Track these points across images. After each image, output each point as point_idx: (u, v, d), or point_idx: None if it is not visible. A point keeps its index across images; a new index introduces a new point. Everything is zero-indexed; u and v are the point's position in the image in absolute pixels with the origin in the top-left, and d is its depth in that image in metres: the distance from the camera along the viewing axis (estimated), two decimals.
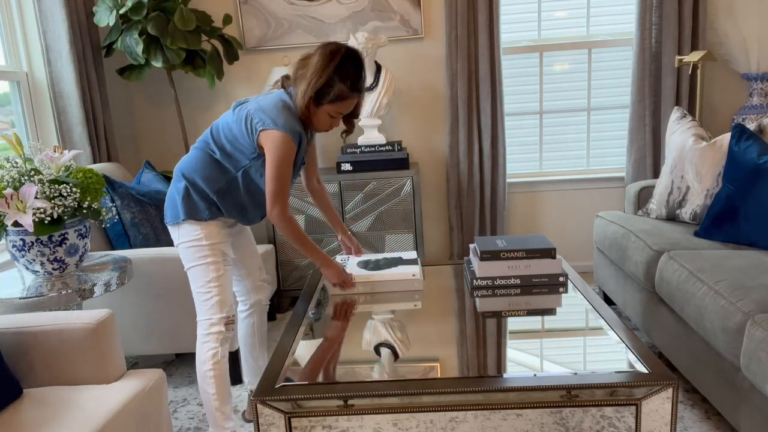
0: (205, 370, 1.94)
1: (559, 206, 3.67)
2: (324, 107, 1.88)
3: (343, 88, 1.85)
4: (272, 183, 1.85)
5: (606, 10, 3.47)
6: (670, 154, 2.76)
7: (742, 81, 3.41)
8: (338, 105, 1.88)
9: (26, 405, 1.54)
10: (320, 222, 3.24)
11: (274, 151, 1.84)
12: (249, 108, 1.89)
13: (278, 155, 1.84)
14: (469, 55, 3.36)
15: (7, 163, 1.93)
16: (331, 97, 1.86)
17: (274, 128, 1.83)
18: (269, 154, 1.85)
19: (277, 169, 1.85)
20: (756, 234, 2.30)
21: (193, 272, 1.94)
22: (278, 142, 1.83)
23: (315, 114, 1.91)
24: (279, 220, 1.88)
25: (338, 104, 1.88)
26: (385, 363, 1.48)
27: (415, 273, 1.98)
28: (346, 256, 2.20)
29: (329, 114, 1.91)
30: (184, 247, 1.94)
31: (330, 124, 1.95)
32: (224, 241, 1.97)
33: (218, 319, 1.94)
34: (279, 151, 1.84)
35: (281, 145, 1.84)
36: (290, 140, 1.84)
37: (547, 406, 1.34)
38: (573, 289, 1.92)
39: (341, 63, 1.84)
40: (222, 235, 1.96)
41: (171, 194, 1.97)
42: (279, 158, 1.84)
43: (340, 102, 1.87)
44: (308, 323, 1.77)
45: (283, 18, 3.48)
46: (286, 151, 1.85)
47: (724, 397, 1.87)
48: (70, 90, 2.84)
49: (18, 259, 1.97)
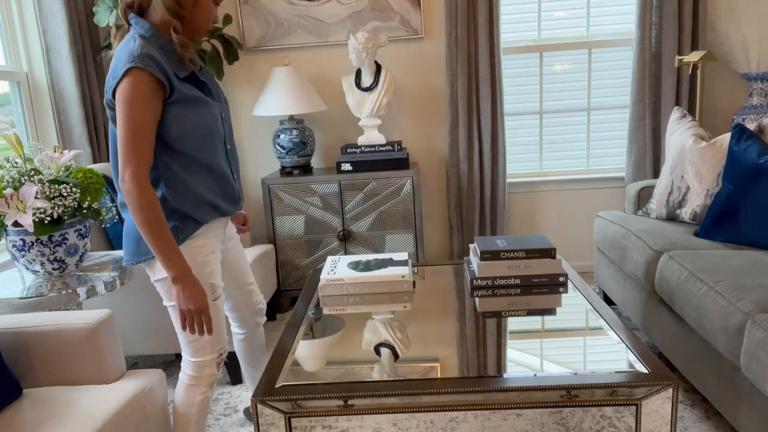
0: (188, 413, 1.68)
1: (559, 206, 3.67)
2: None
3: None
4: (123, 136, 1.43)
5: (606, 10, 3.47)
6: (670, 154, 2.76)
7: (742, 81, 3.41)
8: None
9: (26, 405, 1.54)
10: (320, 222, 3.24)
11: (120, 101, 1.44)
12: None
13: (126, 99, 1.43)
14: (469, 55, 3.36)
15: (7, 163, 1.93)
16: None
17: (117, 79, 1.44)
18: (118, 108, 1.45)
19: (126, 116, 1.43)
20: (756, 234, 2.30)
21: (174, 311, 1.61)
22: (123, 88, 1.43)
23: (195, 7, 1.52)
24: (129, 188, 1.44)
25: None
26: (385, 363, 1.48)
27: (405, 274, 1.97)
28: (337, 257, 2.19)
29: (214, 1, 1.58)
30: (162, 285, 1.59)
31: (212, 16, 1.58)
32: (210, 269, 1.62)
33: (210, 360, 1.66)
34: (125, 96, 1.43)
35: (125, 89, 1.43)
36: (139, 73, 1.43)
37: (547, 406, 1.34)
38: (573, 289, 1.92)
39: None
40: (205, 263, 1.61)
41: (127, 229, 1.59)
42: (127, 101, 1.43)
43: None
44: (308, 323, 1.77)
45: (283, 18, 3.48)
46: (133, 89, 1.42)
47: (724, 397, 1.87)
48: (70, 90, 2.84)
49: (18, 259, 1.97)
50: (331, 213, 3.24)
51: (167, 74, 1.47)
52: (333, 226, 3.25)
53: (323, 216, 3.24)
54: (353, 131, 3.62)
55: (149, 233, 1.46)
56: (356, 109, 3.26)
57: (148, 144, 1.45)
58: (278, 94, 3.20)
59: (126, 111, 1.42)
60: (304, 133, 3.31)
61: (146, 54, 1.43)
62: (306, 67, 3.57)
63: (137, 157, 1.44)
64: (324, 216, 3.24)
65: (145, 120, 1.44)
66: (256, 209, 3.79)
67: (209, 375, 1.68)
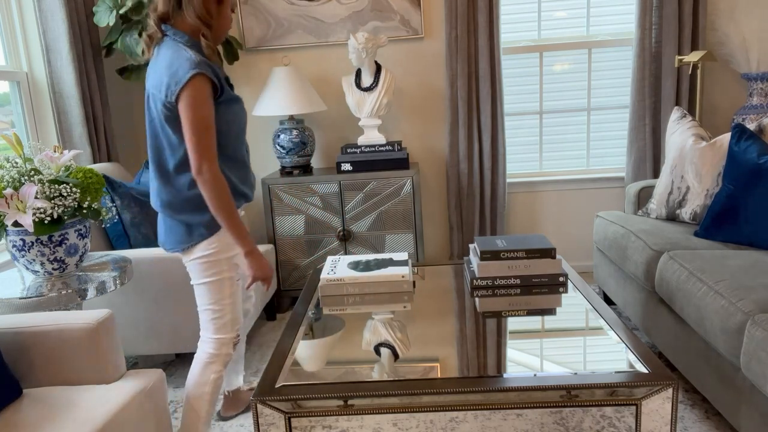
0: (203, 392, 1.83)
1: (559, 206, 3.67)
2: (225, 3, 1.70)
3: None
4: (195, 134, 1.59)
5: (606, 10, 3.47)
6: (670, 154, 2.76)
7: (742, 81, 3.41)
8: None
9: (26, 405, 1.54)
10: (320, 222, 3.24)
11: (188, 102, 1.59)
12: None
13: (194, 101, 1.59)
14: (469, 55, 3.36)
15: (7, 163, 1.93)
16: None
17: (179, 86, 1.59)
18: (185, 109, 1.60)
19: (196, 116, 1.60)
20: (756, 234, 2.30)
21: (205, 288, 1.78)
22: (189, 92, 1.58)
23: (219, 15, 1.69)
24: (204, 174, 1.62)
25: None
26: (385, 363, 1.48)
27: (405, 274, 1.98)
28: (337, 257, 2.19)
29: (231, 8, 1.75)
30: (197, 263, 1.76)
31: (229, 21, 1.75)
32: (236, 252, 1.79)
33: (229, 339, 1.84)
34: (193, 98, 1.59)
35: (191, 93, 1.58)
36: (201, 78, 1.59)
37: (547, 406, 1.34)
38: (573, 289, 1.92)
39: None
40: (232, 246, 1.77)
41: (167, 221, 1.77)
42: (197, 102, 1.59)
43: None
44: (308, 323, 1.77)
45: (283, 18, 3.48)
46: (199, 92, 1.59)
47: (724, 397, 1.87)
48: (70, 90, 2.84)
49: (18, 259, 1.97)
50: (331, 213, 3.24)
51: (219, 77, 1.65)
52: (333, 226, 3.25)
53: (323, 216, 3.24)
54: (353, 131, 3.62)
55: (227, 216, 1.65)
56: (356, 109, 3.26)
57: (213, 139, 1.62)
58: (278, 94, 3.20)
59: (194, 112, 1.58)
60: (304, 133, 3.31)
61: (202, 61, 1.60)
62: (306, 67, 3.57)
63: (209, 152, 1.61)
64: (324, 216, 3.24)
65: (210, 118, 1.61)
66: (256, 209, 3.79)
67: (226, 354, 1.85)
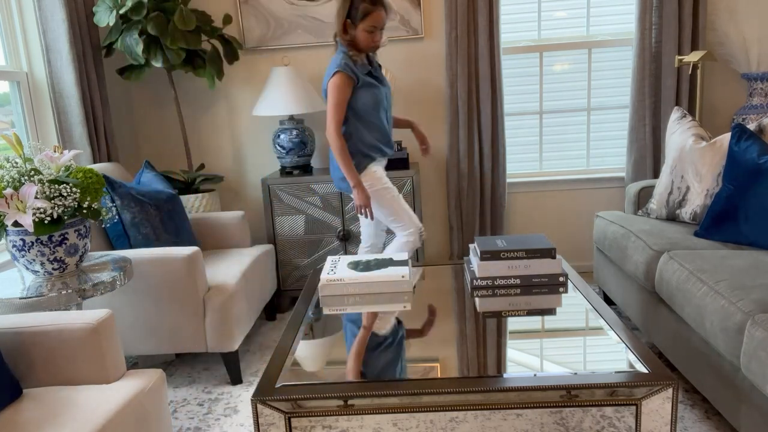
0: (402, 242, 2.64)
1: (559, 206, 3.67)
2: (359, 28, 2.45)
3: (366, 5, 2.42)
4: (329, 108, 2.49)
5: (606, 10, 3.47)
6: (670, 154, 2.76)
7: (742, 81, 3.41)
8: (369, 20, 2.43)
9: (26, 405, 1.54)
10: (320, 222, 3.24)
11: (331, 89, 2.48)
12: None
13: (332, 88, 2.47)
14: (469, 55, 3.36)
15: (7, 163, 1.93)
16: (360, 16, 2.43)
17: (330, 76, 2.47)
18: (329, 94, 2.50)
19: (332, 96, 2.48)
20: (756, 234, 2.30)
21: (376, 207, 2.60)
22: (333, 82, 2.46)
23: (356, 38, 2.48)
24: (331, 137, 2.48)
25: (368, 19, 2.43)
26: None
27: (405, 274, 1.97)
28: (337, 257, 2.19)
29: (366, 31, 2.45)
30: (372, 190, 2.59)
31: (371, 39, 2.48)
32: (384, 180, 2.61)
33: (414, 230, 2.61)
34: (333, 86, 2.46)
35: (334, 82, 2.46)
36: (342, 74, 2.44)
37: (547, 406, 1.34)
38: (573, 289, 1.92)
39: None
40: (379, 178, 2.59)
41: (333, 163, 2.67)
42: (333, 89, 2.46)
43: (368, 17, 2.43)
44: (308, 323, 1.77)
45: (283, 18, 3.48)
46: (338, 83, 2.46)
47: (724, 397, 1.87)
48: (70, 90, 2.85)
49: (18, 259, 1.97)
50: (331, 213, 3.24)
51: (355, 72, 2.48)
52: (333, 226, 3.25)
53: (323, 216, 3.24)
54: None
55: (341, 161, 2.50)
56: None
57: (341, 113, 2.49)
58: (278, 94, 3.20)
59: (332, 95, 2.48)
60: (304, 133, 3.31)
61: (345, 63, 2.46)
62: (306, 67, 3.57)
63: (336, 121, 2.48)
64: (324, 216, 3.24)
65: (341, 100, 2.48)
66: (256, 209, 3.79)
67: (413, 241, 2.64)
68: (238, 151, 3.72)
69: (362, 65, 2.52)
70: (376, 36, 2.48)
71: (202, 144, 3.72)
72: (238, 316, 2.54)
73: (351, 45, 2.50)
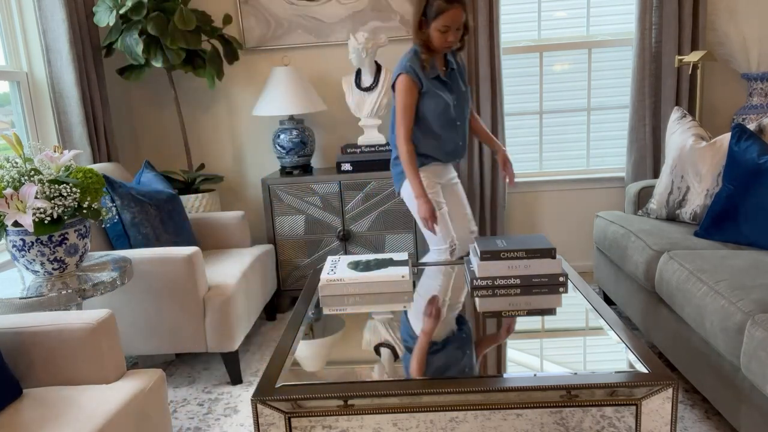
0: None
1: (559, 206, 3.67)
2: (432, 26, 2.31)
3: (440, 3, 2.26)
4: (396, 114, 2.41)
5: (606, 10, 3.47)
6: (670, 154, 2.76)
7: (742, 81, 3.41)
8: (442, 19, 2.28)
9: (26, 405, 1.54)
10: (320, 222, 3.24)
11: (396, 91, 2.40)
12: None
13: (398, 92, 2.38)
14: (469, 55, 3.36)
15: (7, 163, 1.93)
16: (433, 14, 2.28)
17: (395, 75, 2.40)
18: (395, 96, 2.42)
19: (398, 101, 2.40)
20: (756, 234, 2.30)
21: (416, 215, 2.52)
22: (398, 84, 2.38)
23: (429, 36, 2.34)
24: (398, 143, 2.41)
25: (442, 18, 2.28)
26: (385, 363, 1.48)
27: (405, 274, 1.97)
28: (337, 257, 2.19)
29: (439, 30, 2.31)
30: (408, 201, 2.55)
31: (444, 38, 2.32)
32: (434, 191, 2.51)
33: (445, 249, 2.54)
34: (398, 90, 2.38)
35: (399, 85, 2.38)
36: (405, 77, 2.36)
37: (547, 406, 1.34)
38: (573, 289, 1.92)
39: None
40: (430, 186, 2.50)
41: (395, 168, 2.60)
42: (399, 92, 2.38)
43: (442, 16, 2.28)
44: (308, 323, 1.77)
45: (283, 18, 3.48)
46: (403, 86, 2.37)
47: (724, 397, 1.87)
48: (70, 90, 2.84)
49: (18, 259, 1.97)
50: (331, 213, 3.24)
51: (420, 77, 2.38)
52: (333, 226, 3.25)
53: (323, 216, 3.24)
54: (353, 131, 3.63)
55: (407, 170, 2.41)
56: (356, 109, 3.26)
57: (408, 118, 2.39)
58: (278, 94, 3.20)
59: (398, 98, 2.40)
60: (304, 133, 3.31)
61: (410, 65, 2.37)
62: (306, 67, 3.57)
63: (404, 127, 2.39)
64: (324, 216, 3.24)
65: (408, 104, 2.38)
66: (256, 209, 3.79)
67: (444, 258, 2.56)
68: (238, 151, 3.72)
69: (432, 69, 2.40)
70: (450, 36, 2.32)
71: (202, 144, 3.72)
72: (238, 316, 2.54)
73: (424, 45, 2.36)
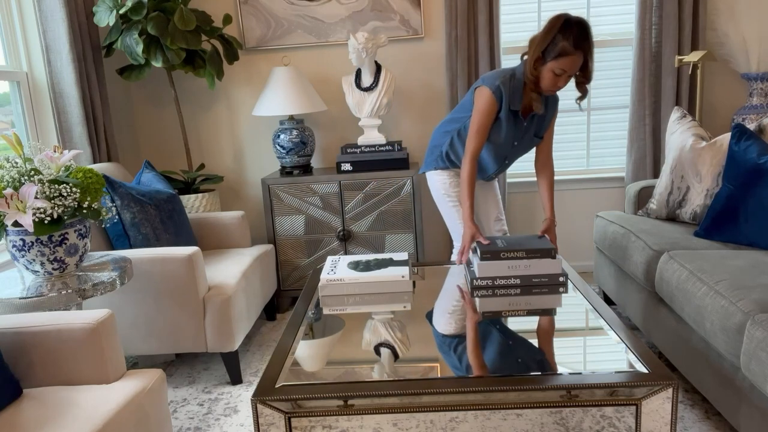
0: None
1: (559, 206, 3.67)
2: (548, 65, 2.11)
3: (565, 45, 2.05)
4: (470, 129, 2.25)
5: (606, 10, 3.47)
6: (670, 154, 2.76)
7: (742, 81, 3.41)
8: (561, 61, 2.08)
9: (26, 405, 1.54)
10: (319, 222, 3.24)
11: (476, 103, 2.23)
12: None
13: (478, 107, 2.22)
14: (469, 55, 3.36)
15: (7, 163, 1.93)
16: (554, 54, 2.08)
17: (482, 85, 2.22)
18: (474, 107, 2.25)
19: (475, 117, 2.23)
20: (756, 234, 2.30)
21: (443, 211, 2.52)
22: (481, 96, 2.22)
23: (541, 73, 2.14)
24: (463, 160, 2.27)
25: (561, 60, 2.08)
26: (385, 363, 1.48)
27: (405, 274, 1.97)
28: (337, 257, 2.19)
29: (553, 71, 2.11)
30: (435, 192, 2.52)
31: (555, 82, 2.14)
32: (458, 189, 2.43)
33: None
34: (479, 104, 2.22)
35: (481, 98, 2.21)
36: (491, 95, 2.19)
37: (547, 406, 1.34)
38: (573, 289, 1.92)
39: (565, 23, 2.06)
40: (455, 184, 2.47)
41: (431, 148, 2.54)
42: (478, 109, 2.22)
43: (562, 58, 2.07)
44: (308, 323, 1.77)
45: (283, 18, 3.48)
46: (485, 103, 2.20)
47: (724, 397, 1.87)
48: (70, 90, 2.84)
49: (18, 259, 1.97)
50: (331, 213, 3.24)
51: (503, 103, 2.22)
52: (333, 226, 3.25)
53: (323, 216, 3.24)
54: (353, 131, 3.63)
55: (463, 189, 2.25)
56: (356, 109, 3.26)
57: (480, 140, 2.24)
58: (278, 94, 3.20)
59: (476, 115, 2.24)
60: (304, 133, 3.31)
61: (500, 86, 2.19)
62: (306, 67, 3.57)
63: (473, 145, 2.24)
64: (324, 216, 3.24)
65: (484, 125, 2.23)
66: (256, 209, 3.79)
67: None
68: (238, 151, 3.72)
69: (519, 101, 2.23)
70: (561, 81, 2.15)
71: (202, 144, 3.72)
72: (238, 316, 2.54)
73: (533, 81, 2.18)
